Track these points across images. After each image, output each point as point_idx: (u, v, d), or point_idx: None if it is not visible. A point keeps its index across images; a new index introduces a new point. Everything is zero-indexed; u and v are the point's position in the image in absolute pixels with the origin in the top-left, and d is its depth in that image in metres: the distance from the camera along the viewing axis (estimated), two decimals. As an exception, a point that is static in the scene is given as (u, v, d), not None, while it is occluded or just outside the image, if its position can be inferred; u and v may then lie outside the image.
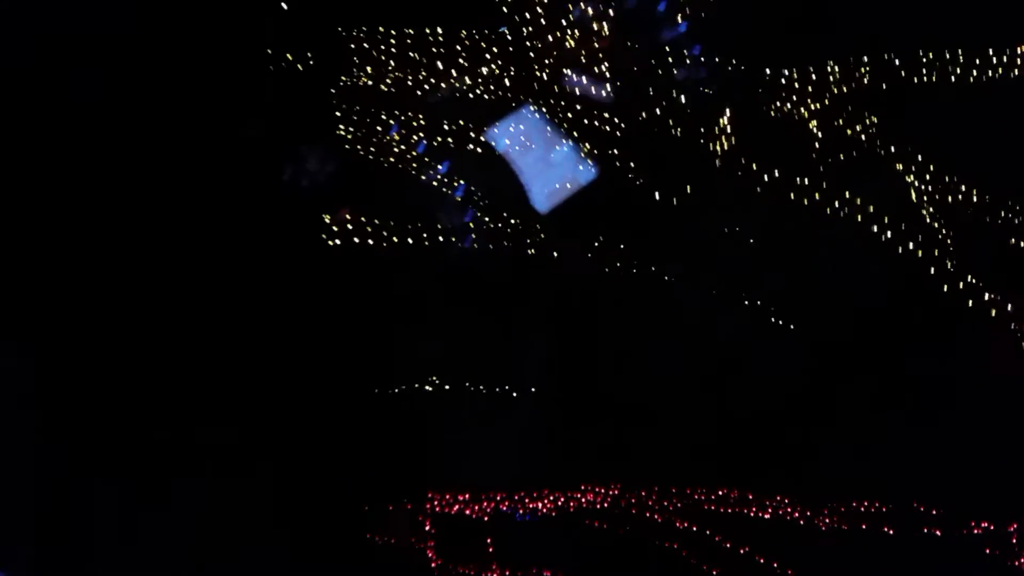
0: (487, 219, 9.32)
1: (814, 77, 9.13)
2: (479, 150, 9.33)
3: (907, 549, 9.43)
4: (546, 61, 9.17)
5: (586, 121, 9.26)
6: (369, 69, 9.17)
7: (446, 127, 9.31)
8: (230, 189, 9.11)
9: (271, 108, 9.11)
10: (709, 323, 9.36)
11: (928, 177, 9.23)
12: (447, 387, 9.44)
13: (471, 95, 9.27)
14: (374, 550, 9.40)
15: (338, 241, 9.30)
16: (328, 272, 9.20)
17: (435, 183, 9.36)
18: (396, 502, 9.41)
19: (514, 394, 9.41)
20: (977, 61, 9.01)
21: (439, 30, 9.09)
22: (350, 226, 9.33)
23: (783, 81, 9.05)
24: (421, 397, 9.42)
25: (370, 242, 9.33)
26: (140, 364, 9.00)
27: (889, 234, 9.18)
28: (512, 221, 9.29)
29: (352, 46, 9.10)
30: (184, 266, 9.09)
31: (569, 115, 9.25)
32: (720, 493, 9.49)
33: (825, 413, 9.37)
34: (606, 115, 9.23)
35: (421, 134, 9.31)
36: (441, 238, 9.34)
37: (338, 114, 9.21)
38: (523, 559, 9.38)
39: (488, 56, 9.15)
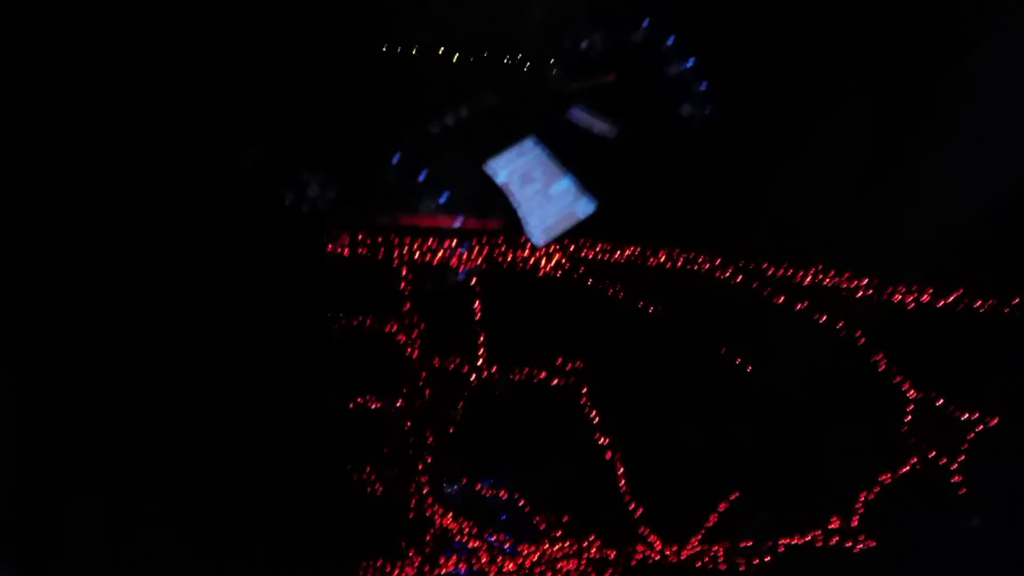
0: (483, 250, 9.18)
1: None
2: (480, 181, 9.20)
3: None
4: (550, 93, 9.08)
5: (589, 155, 9.09)
6: (372, 95, 9.16)
7: (447, 157, 9.22)
8: (226, 214, 9.13)
9: (271, 134, 9.15)
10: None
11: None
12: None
13: (473, 126, 9.19)
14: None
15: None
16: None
17: (433, 212, 9.25)
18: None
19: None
20: None
21: (442, 56, 9.07)
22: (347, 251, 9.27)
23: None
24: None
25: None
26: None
27: None
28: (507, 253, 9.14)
29: (354, 71, 9.13)
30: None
31: (572, 149, 9.09)
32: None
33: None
34: (609, 148, 9.05)
35: (422, 163, 9.24)
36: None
37: (339, 140, 9.20)
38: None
39: (491, 87, 9.10)
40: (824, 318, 9.03)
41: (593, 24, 8.96)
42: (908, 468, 9.18)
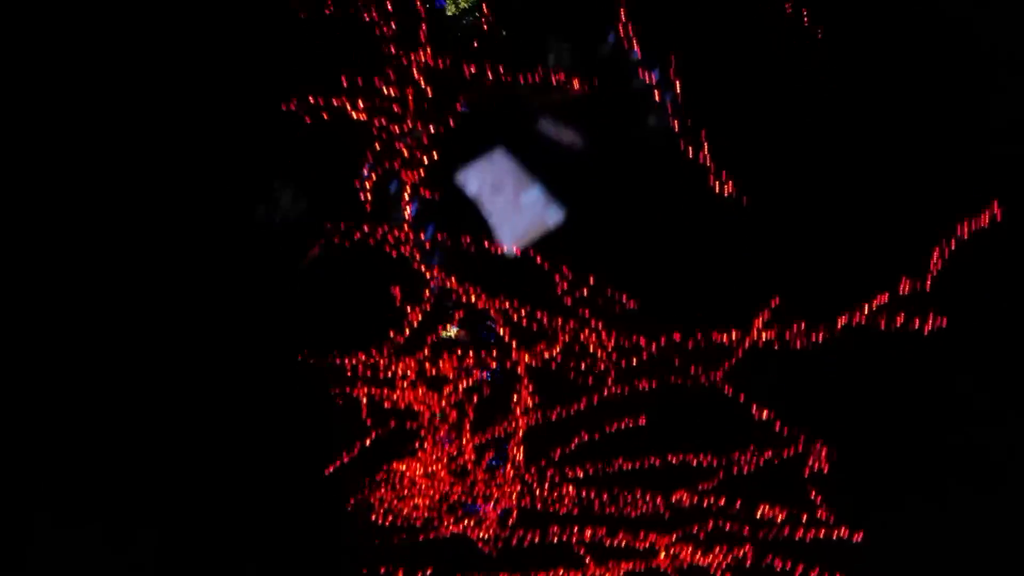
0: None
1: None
2: (450, 192, 9.32)
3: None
4: (519, 104, 9.21)
5: (557, 166, 9.24)
6: (343, 108, 9.25)
7: (418, 168, 9.32)
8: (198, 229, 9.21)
9: (247, 148, 9.23)
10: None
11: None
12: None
13: (443, 136, 9.31)
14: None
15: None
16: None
17: (405, 224, 9.34)
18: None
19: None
20: None
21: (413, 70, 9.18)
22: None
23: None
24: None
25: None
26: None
27: None
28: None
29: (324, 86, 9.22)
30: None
31: (541, 159, 9.23)
32: None
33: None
34: (578, 160, 9.20)
35: (392, 175, 9.34)
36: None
37: (310, 148, 9.29)
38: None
39: (460, 97, 9.21)
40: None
41: (560, 38, 9.12)
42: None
